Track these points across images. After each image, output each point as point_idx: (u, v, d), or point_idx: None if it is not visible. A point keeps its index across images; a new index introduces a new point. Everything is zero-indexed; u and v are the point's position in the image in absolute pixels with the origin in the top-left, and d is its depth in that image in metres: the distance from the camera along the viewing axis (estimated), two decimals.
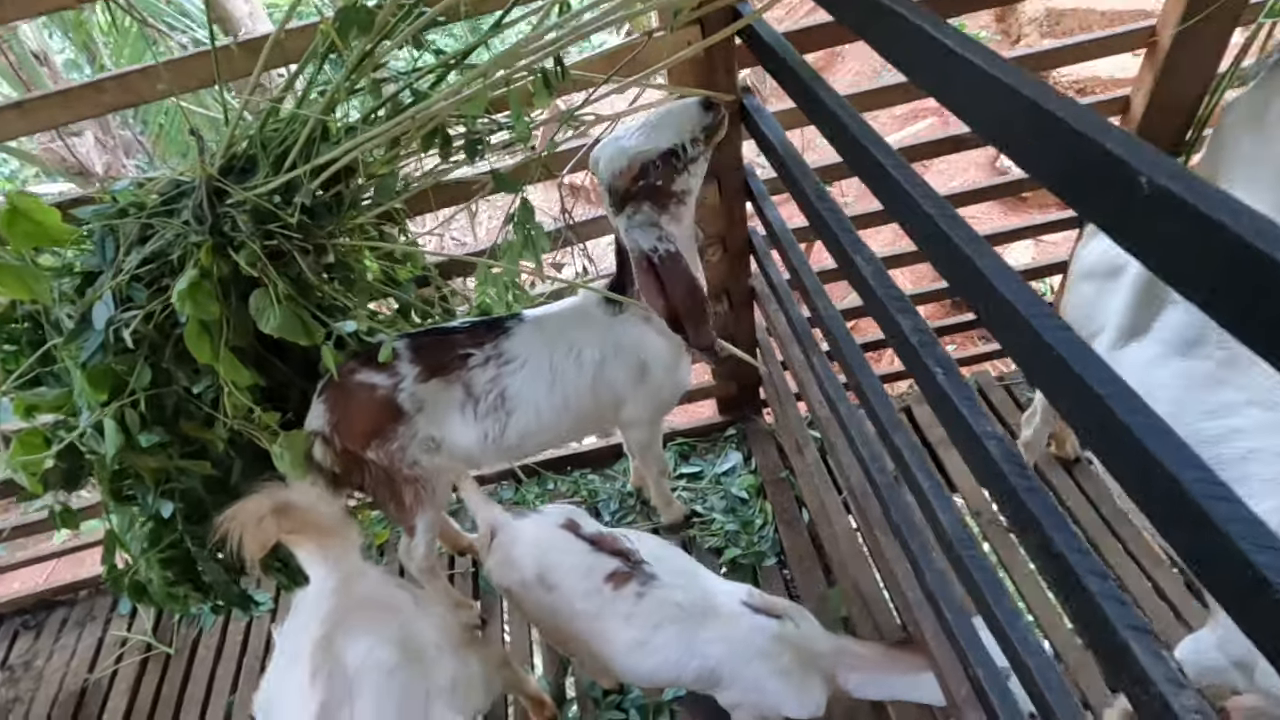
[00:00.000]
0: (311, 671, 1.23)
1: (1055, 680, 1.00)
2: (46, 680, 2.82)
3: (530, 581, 1.78)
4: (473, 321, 2.00)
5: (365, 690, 1.24)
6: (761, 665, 1.66)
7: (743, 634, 1.68)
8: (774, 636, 1.67)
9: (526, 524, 1.87)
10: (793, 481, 2.74)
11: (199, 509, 2.00)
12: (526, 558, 1.80)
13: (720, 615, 1.70)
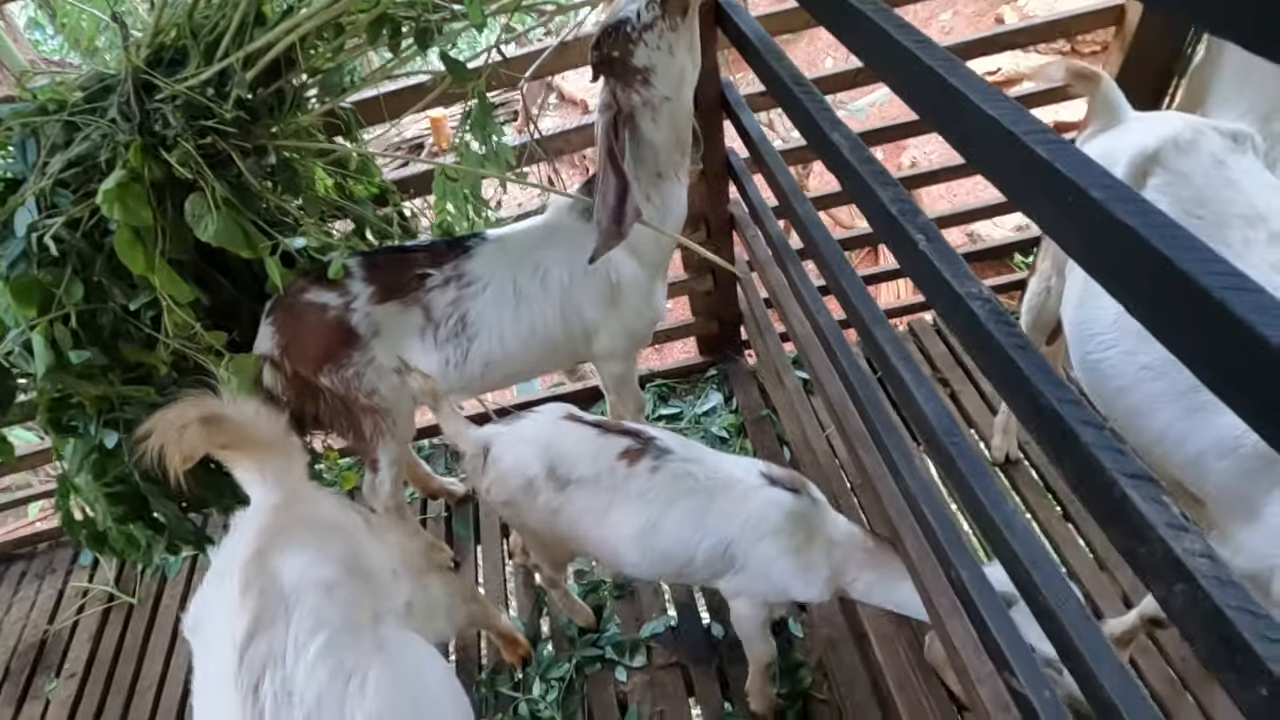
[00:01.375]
0: (242, 586, 1.14)
1: (1047, 564, 0.93)
2: (5, 633, 2.73)
3: (538, 481, 1.67)
4: (432, 241, 1.88)
5: (302, 610, 1.14)
6: (773, 542, 1.58)
7: (757, 507, 1.60)
8: (789, 512, 1.59)
9: (525, 425, 1.75)
10: (774, 419, 2.66)
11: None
12: (533, 457, 1.68)
13: (735, 487, 1.62)
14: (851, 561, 1.60)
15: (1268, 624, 0.59)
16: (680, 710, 2.09)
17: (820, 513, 1.63)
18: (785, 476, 1.65)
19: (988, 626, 1.11)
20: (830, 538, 1.60)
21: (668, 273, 2.03)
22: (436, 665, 1.29)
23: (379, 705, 1.08)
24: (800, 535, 1.59)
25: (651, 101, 1.62)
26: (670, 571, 1.73)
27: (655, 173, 1.73)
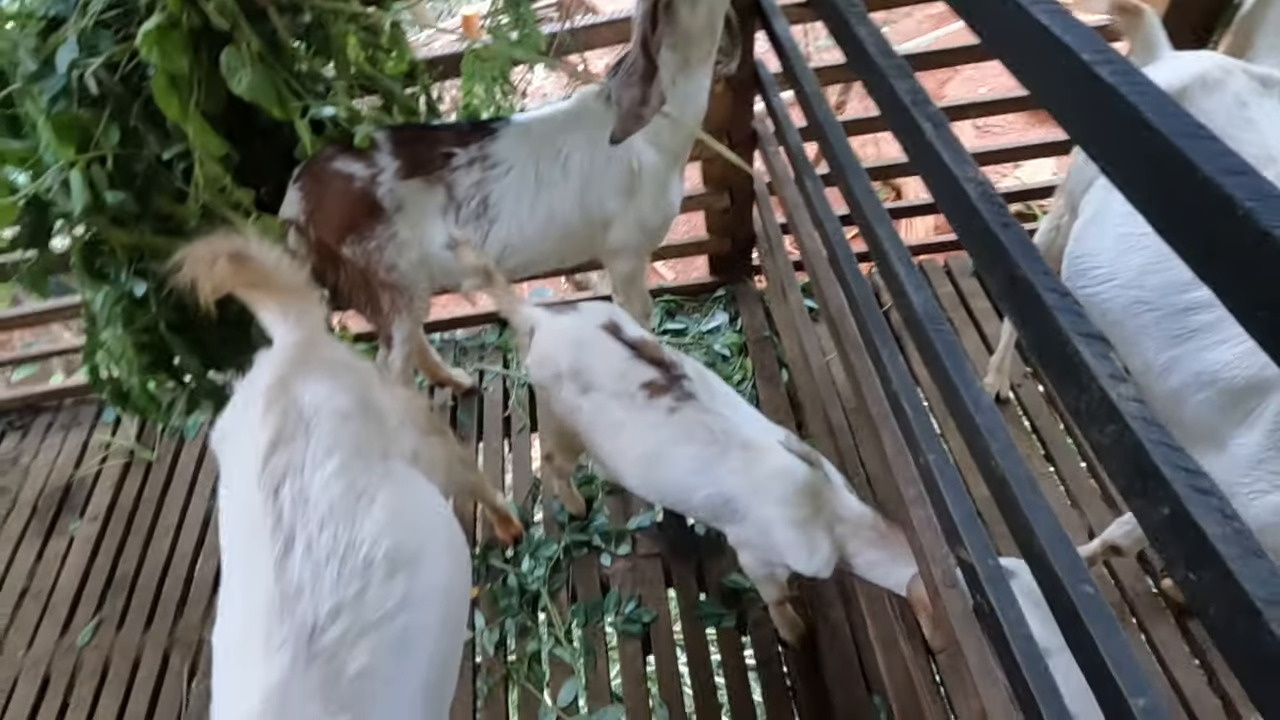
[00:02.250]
0: (265, 405, 1.24)
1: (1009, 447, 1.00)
2: (33, 475, 2.90)
3: (563, 378, 1.72)
4: (458, 122, 1.92)
5: (320, 432, 1.25)
6: (777, 510, 1.57)
7: (767, 473, 1.58)
8: (800, 485, 1.56)
9: (565, 320, 1.78)
10: (776, 341, 2.72)
11: (172, 293, 1.98)
12: (564, 353, 1.73)
13: (749, 449, 1.60)
14: (857, 540, 1.56)
15: (1181, 456, 0.67)
16: (658, 596, 2.23)
17: (832, 490, 1.60)
18: (802, 450, 1.63)
19: (947, 509, 1.20)
20: (838, 515, 1.57)
21: (685, 167, 2.06)
22: (437, 501, 1.41)
23: (383, 522, 1.19)
24: (806, 509, 1.57)
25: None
26: (668, 501, 1.81)
27: (684, 59, 1.75)
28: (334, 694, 1.02)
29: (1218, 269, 0.59)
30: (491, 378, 2.87)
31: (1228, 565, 0.60)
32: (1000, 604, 1.07)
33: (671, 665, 2.10)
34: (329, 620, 1.06)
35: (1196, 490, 0.64)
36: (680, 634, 2.17)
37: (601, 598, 2.23)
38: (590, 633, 2.17)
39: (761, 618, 2.13)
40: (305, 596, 1.07)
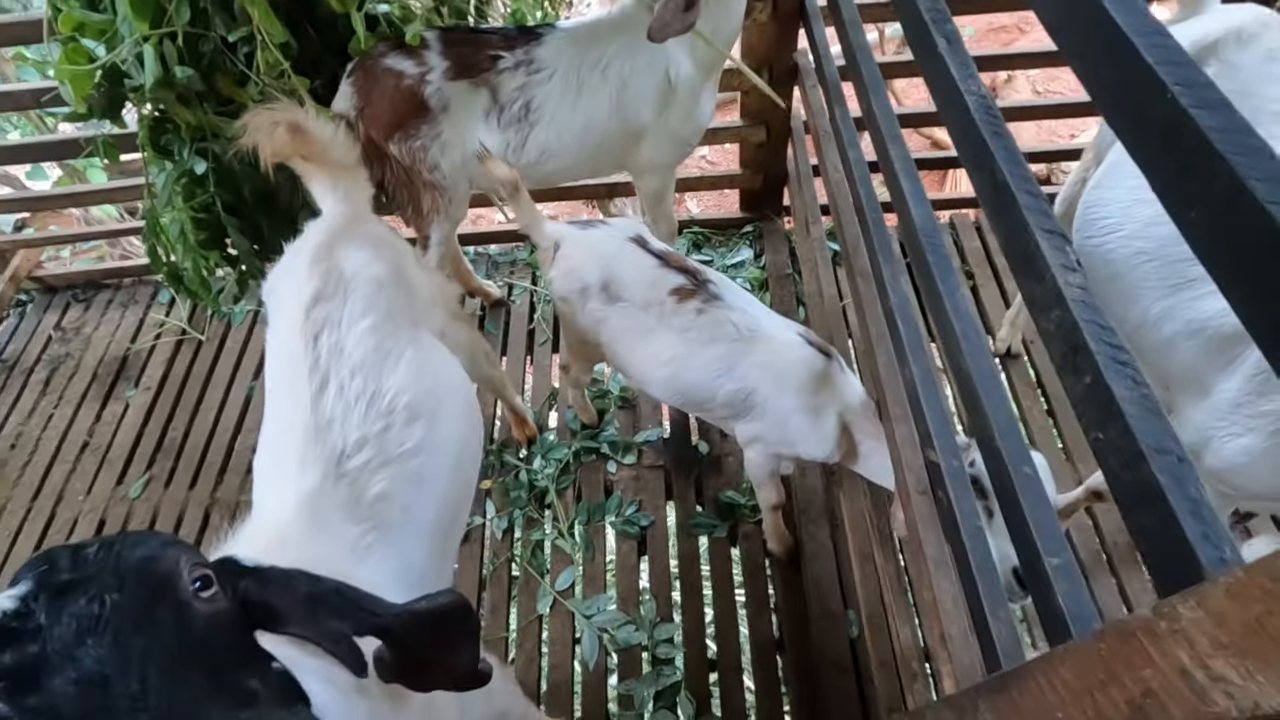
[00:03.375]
0: (311, 263, 1.37)
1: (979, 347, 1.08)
2: (94, 345, 3.13)
3: (592, 289, 1.80)
4: (506, 26, 1.99)
5: (357, 294, 1.38)
6: (795, 398, 1.66)
7: (787, 362, 1.67)
8: (817, 372, 1.66)
9: (595, 234, 1.87)
10: (797, 279, 2.79)
11: (230, 176, 2.12)
12: (592, 266, 1.81)
13: (772, 341, 1.70)
14: (861, 429, 1.67)
15: (1109, 334, 0.75)
16: (658, 504, 2.37)
17: (844, 379, 1.70)
18: (820, 342, 1.73)
19: (923, 414, 1.29)
20: (848, 403, 1.67)
21: (718, 83, 2.11)
22: (458, 372, 1.54)
23: (406, 377, 1.32)
24: (821, 396, 1.67)
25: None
26: (690, 404, 1.88)
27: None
28: (356, 510, 1.17)
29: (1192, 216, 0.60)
30: (520, 292, 2.99)
31: (1128, 421, 0.69)
32: (957, 499, 1.16)
33: (664, 565, 2.25)
34: (355, 449, 1.21)
35: (1116, 361, 0.73)
36: (674, 540, 2.31)
37: (604, 500, 2.39)
38: (591, 530, 2.33)
39: (752, 532, 2.26)
40: (336, 427, 1.21)
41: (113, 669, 0.57)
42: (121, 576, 0.62)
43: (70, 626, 0.57)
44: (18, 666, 0.55)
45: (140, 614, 0.61)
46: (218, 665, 0.64)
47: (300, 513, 1.12)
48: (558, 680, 2.08)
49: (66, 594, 0.59)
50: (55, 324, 3.24)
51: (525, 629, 2.17)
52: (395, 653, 0.85)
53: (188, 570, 0.67)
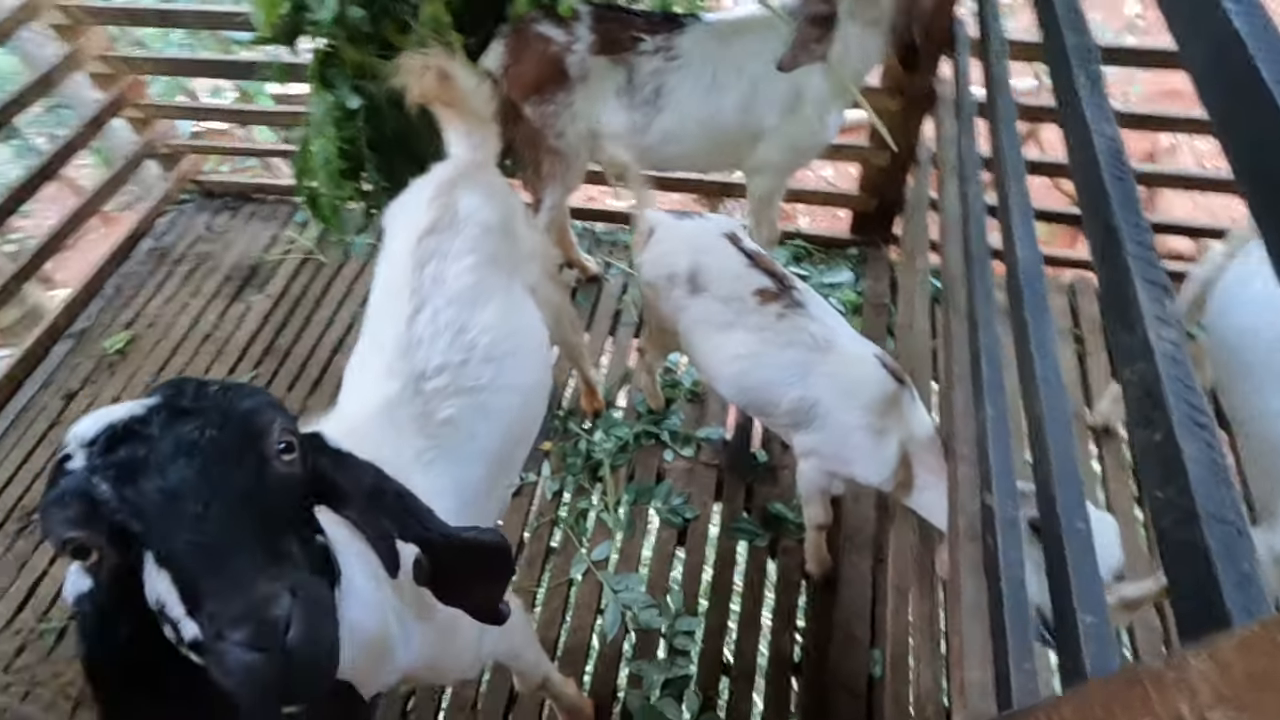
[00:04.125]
0: (432, 197, 1.49)
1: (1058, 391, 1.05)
2: (233, 249, 3.46)
3: (679, 278, 1.83)
4: (653, 11, 2.05)
5: (466, 234, 1.48)
6: (859, 415, 1.64)
7: (857, 378, 1.66)
8: (886, 394, 1.63)
9: (689, 224, 1.92)
10: (891, 309, 2.73)
11: (378, 115, 2.30)
12: (682, 255, 1.84)
13: (845, 356, 1.69)
14: (922, 461, 1.62)
15: (1192, 395, 0.72)
16: (705, 500, 2.39)
17: (913, 409, 1.66)
18: (895, 367, 1.69)
19: (988, 456, 1.25)
20: (913, 433, 1.63)
21: (846, 105, 2.10)
22: (540, 327, 1.62)
23: (492, 320, 1.41)
24: (886, 419, 1.63)
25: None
26: (754, 405, 1.88)
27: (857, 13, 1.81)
28: (425, 426, 1.26)
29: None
30: (615, 272, 3.08)
31: (1191, 481, 0.66)
32: (1004, 549, 1.13)
33: (698, 560, 2.27)
34: (435, 373, 1.30)
35: (1193, 422, 0.70)
36: (714, 539, 2.33)
37: (655, 485, 2.43)
38: (636, 511, 2.38)
39: (792, 549, 2.25)
40: (422, 349, 1.31)
41: (188, 489, 0.66)
42: (226, 418, 0.71)
43: (172, 445, 0.67)
44: (126, 462, 0.66)
45: (227, 454, 0.70)
46: (270, 519, 0.71)
47: (378, 415, 1.22)
48: (575, 644, 2.14)
49: (180, 418, 0.69)
50: (206, 225, 3.60)
51: (554, 589, 2.25)
52: (432, 565, 0.92)
53: (278, 431, 0.76)
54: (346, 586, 0.90)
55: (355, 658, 0.93)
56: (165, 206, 3.65)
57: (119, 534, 0.65)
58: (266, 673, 0.60)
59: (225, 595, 0.62)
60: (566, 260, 3.02)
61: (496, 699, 2.05)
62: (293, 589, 0.63)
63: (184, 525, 0.64)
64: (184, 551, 0.63)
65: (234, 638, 0.59)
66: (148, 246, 3.51)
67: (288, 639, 0.61)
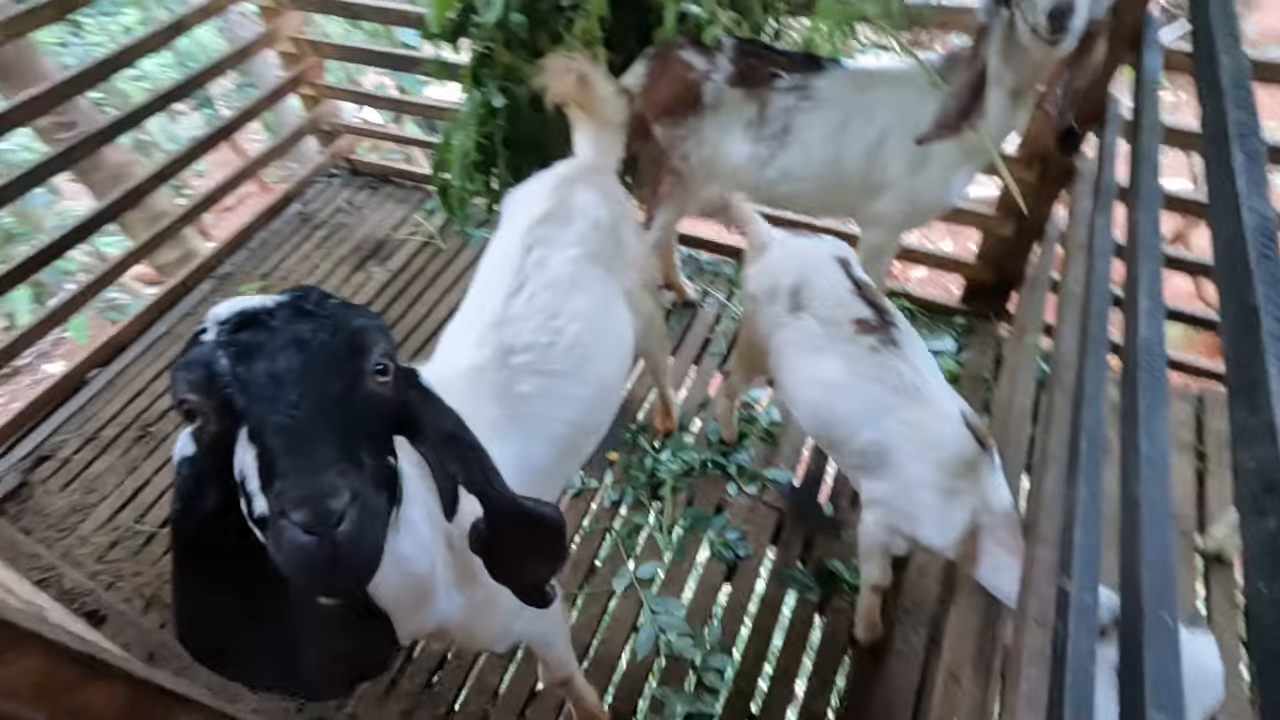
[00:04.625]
0: (552, 188, 1.57)
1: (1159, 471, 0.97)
2: (365, 223, 3.74)
3: (782, 293, 1.80)
4: (796, 51, 2.09)
5: (576, 227, 1.55)
6: (931, 470, 1.55)
7: (937, 431, 1.57)
8: (964, 455, 1.53)
9: (803, 242, 1.90)
10: (991, 385, 2.60)
11: (517, 116, 2.46)
12: (790, 271, 1.82)
13: (929, 406, 1.61)
14: (993, 535, 1.51)
15: None
16: (761, 541, 2.33)
17: (993, 479, 1.55)
18: (981, 428, 1.59)
19: (1072, 537, 1.17)
20: (988, 504, 1.53)
21: (979, 168, 2.05)
22: (627, 331, 1.66)
23: (584, 312, 1.46)
24: (961, 482, 1.54)
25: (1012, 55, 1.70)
26: (827, 438, 1.81)
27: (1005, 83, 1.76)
28: (504, 397, 1.31)
29: None
30: (712, 302, 3.10)
31: None
32: (1075, 636, 1.05)
33: (743, 600, 2.21)
34: (522, 350, 1.36)
35: None
36: (763, 582, 2.26)
37: (712, 516, 2.39)
38: (689, 537, 2.35)
39: (843, 609, 2.15)
40: (514, 325, 1.37)
41: (290, 378, 0.72)
42: (338, 328, 0.77)
43: (287, 337, 0.74)
44: (246, 343, 0.73)
45: (331, 357, 0.76)
46: (353, 428, 0.75)
47: (464, 376, 1.29)
48: (605, 655, 2.13)
49: (300, 317, 0.76)
50: (347, 199, 3.92)
51: (594, 596, 2.25)
52: (490, 531, 0.95)
53: (379, 352, 0.81)
54: (404, 517, 0.94)
55: (398, 591, 0.97)
56: (316, 178, 4.01)
57: (224, 404, 0.71)
58: (313, 556, 0.65)
59: (295, 478, 0.67)
60: (666, 282, 3.08)
61: (518, 691, 2.06)
62: (354, 491, 0.68)
63: (278, 407, 0.70)
64: (272, 430, 0.69)
65: (293, 516, 0.64)
66: (295, 210, 3.86)
67: (338, 531, 0.65)
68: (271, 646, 0.90)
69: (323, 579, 0.68)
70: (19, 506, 2.66)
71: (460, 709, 2.06)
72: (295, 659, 0.91)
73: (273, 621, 0.88)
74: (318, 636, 0.91)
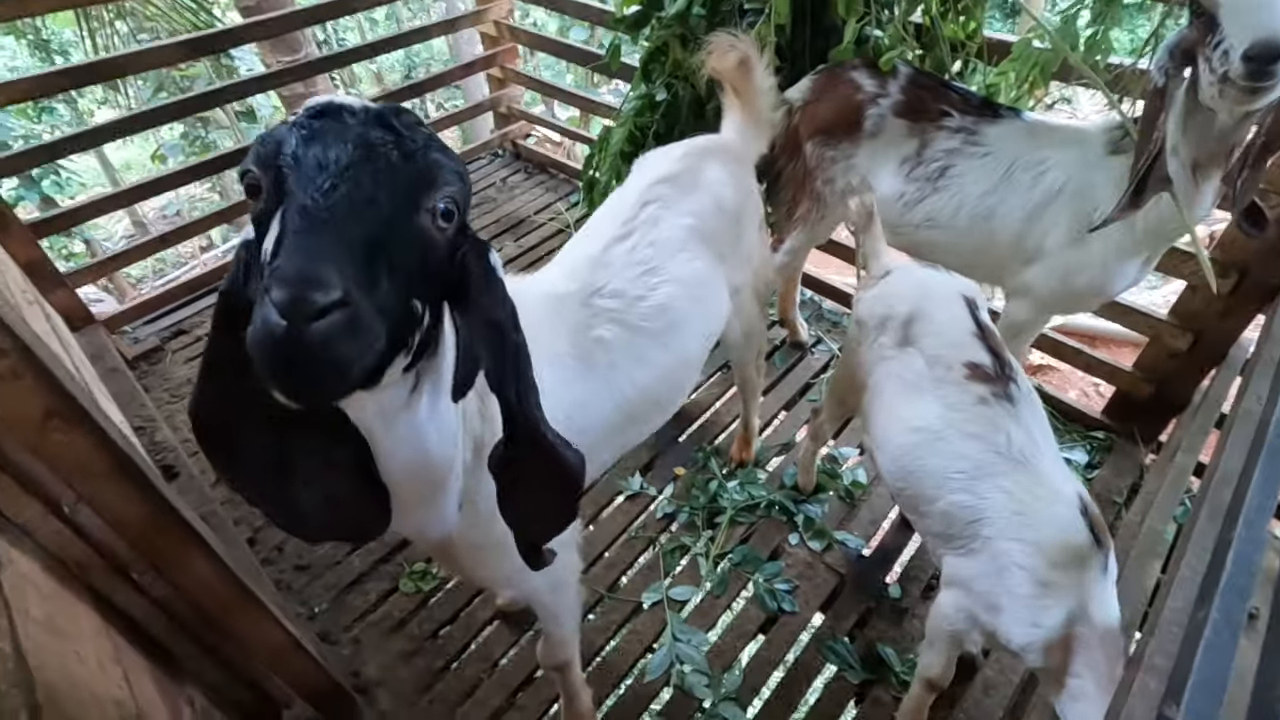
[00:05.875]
0: (683, 154, 1.54)
1: None
2: (512, 201, 3.91)
3: (894, 322, 1.63)
4: (974, 92, 1.96)
5: (696, 197, 1.50)
6: (1028, 554, 1.34)
7: (1044, 510, 1.36)
8: (1072, 546, 1.31)
9: (930, 273, 1.73)
10: (1120, 510, 2.25)
11: (675, 112, 2.48)
12: (910, 297, 1.65)
13: (1038, 480, 1.40)
14: (1089, 651, 1.27)
15: None
16: (810, 602, 2.12)
17: (1100, 584, 1.31)
18: (1100, 520, 1.36)
19: (1190, 664, 0.93)
20: (1087, 612, 1.29)
21: (1156, 258, 1.81)
22: (719, 320, 1.57)
23: (681, 279, 1.40)
24: (1057, 574, 1.31)
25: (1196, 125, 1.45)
26: (909, 493, 1.59)
27: (1187, 158, 1.51)
28: (577, 335, 1.27)
29: None
30: (823, 349, 2.94)
31: None
32: None
33: (775, 657, 2.00)
34: (610, 295, 1.31)
35: None
36: (801, 645, 2.04)
37: (765, 560, 2.21)
38: (734, 574, 2.18)
39: (884, 702, 1.89)
40: (610, 269, 1.33)
41: (339, 169, 0.68)
42: (413, 153, 0.73)
43: (357, 136, 0.70)
44: (318, 129, 0.70)
45: (389, 172, 0.71)
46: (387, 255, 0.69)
47: (543, 301, 1.26)
48: (613, 663, 1.99)
49: (381, 127, 0.73)
50: (503, 178, 4.13)
51: (620, 604, 2.12)
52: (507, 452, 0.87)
53: (448, 194, 0.76)
54: (437, 398, 0.89)
55: (406, 468, 0.91)
56: (482, 154, 4.27)
57: (278, 182, 0.69)
58: (276, 342, 0.60)
59: (291, 257, 0.62)
60: (781, 317, 2.96)
61: (518, 669, 1.96)
62: (348, 297, 0.62)
63: (315, 191, 0.66)
64: (299, 208, 0.66)
65: (272, 294, 0.60)
66: None
67: (312, 326, 0.60)
68: (270, 462, 0.86)
69: (280, 372, 0.62)
70: (149, 366, 2.93)
71: (456, 669, 1.99)
72: (289, 487, 0.88)
73: (279, 436, 0.84)
74: (313, 470, 0.87)
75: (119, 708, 1.01)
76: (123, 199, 2.95)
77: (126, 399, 2.60)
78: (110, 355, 2.75)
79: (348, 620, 2.10)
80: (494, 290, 0.84)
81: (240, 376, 0.77)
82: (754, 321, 1.89)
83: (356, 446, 0.87)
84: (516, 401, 0.84)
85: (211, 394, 0.82)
